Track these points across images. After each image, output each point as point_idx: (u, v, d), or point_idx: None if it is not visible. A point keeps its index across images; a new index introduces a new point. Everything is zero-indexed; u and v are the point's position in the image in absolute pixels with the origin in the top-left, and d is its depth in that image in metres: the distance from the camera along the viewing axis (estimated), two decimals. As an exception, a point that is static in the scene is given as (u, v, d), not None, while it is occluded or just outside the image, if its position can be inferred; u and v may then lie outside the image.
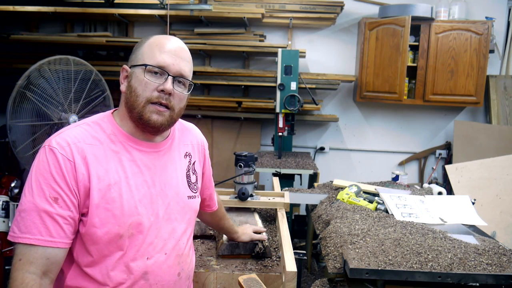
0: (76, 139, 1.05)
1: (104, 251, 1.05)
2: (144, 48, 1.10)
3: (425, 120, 4.38)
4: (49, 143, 1.04)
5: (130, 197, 1.07)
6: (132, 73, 1.10)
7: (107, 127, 1.10)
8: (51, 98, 2.65)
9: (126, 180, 1.07)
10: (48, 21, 4.34)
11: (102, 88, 2.94)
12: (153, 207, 1.11)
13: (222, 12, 3.91)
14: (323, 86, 4.11)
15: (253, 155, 1.93)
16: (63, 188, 1.00)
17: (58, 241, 0.99)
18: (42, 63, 2.61)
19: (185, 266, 1.21)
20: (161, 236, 1.12)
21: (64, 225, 1.00)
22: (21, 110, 2.57)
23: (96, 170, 1.04)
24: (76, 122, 1.13)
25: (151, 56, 1.08)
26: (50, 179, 1.00)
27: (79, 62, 2.79)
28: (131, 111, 1.09)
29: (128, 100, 1.09)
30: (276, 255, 1.62)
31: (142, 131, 1.12)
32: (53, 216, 0.98)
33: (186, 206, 1.20)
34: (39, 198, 0.98)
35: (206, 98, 4.23)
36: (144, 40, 1.13)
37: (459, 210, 1.97)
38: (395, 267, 1.34)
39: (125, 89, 1.11)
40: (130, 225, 1.06)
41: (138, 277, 1.08)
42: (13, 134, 2.57)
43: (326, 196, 2.19)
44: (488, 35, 3.81)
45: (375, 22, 3.95)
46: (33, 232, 0.97)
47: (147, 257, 1.09)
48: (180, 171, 1.21)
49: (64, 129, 1.09)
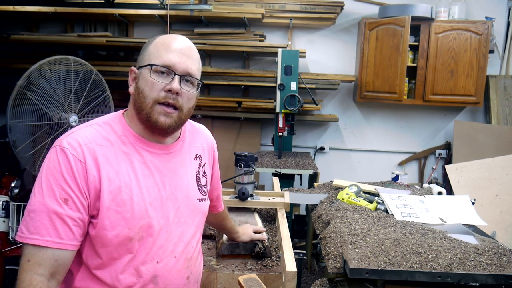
0: (88, 139, 1.03)
1: (113, 253, 1.04)
2: (150, 48, 1.10)
3: (425, 120, 4.38)
4: (60, 143, 1.02)
5: (141, 200, 1.06)
6: (140, 74, 1.09)
7: (118, 128, 1.09)
8: (51, 98, 2.65)
9: (137, 183, 1.06)
10: (48, 21, 4.34)
11: (102, 88, 2.94)
12: (163, 210, 1.10)
13: (222, 12, 3.91)
14: (323, 86, 4.11)
15: (253, 155, 1.93)
16: (74, 189, 0.99)
17: (67, 243, 0.98)
18: (42, 63, 2.61)
19: (194, 269, 1.20)
20: (171, 240, 1.11)
21: (74, 227, 0.99)
22: (21, 110, 2.56)
23: (107, 172, 1.02)
24: (87, 122, 1.11)
25: (157, 56, 1.07)
26: (60, 179, 0.98)
27: (79, 62, 2.79)
28: (140, 112, 1.08)
29: (136, 102, 1.09)
30: (276, 255, 1.62)
31: (151, 132, 1.11)
32: (62, 217, 0.97)
33: (195, 209, 1.19)
34: (49, 198, 0.97)
35: (206, 98, 4.23)
36: (151, 40, 1.12)
37: (459, 210, 1.97)
38: (395, 267, 1.34)
39: (133, 90, 1.10)
40: (140, 228, 1.05)
41: (147, 281, 1.07)
42: (13, 134, 2.57)
43: (326, 196, 2.19)
44: (488, 35, 3.81)
45: (375, 22, 3.95)
46: (42, 233, 0.96)
47: (157, 260, 1.08)
48: (191, 173, 1.20)
49: (75, 129, 1.08)
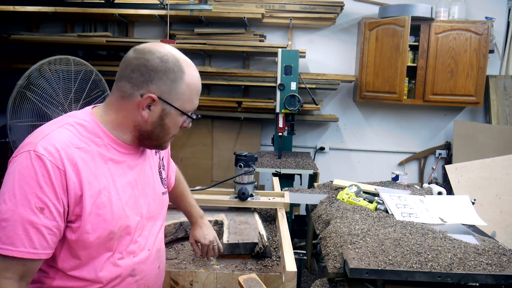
0: (65, 143, 0.98)
1: (93, 254, 1.04)
2: (183, 88, 1.06)
3: (425, 120, 4.38)
4: (34, 148, 0.95)
5: (118, 200, 1.06)
6: (167, 112, 1.06)
7: (92, 128, 1.05)
8: (51, 98, 2.66)
9: (114, 184, 1.06)
10: (48, 21, 4.34)
11: (102, 88, 2.94)
12: (137, 208, 1.12)
13: (222, 12, 3.91)
14: (323, 86, 4.11)
15: (253, 155, 1.93)
16: (51, 198, 0.95)
17: (41, 252, 0.96)
18: (42, 63, 2.62)
19: (163, 258, 1.27)
20: (144, 234, 1.15)
21: (48, 236, 0.95)
22: (21, 110, 2.57)
23: (87, 176, 1.00)
24: (55, 122, 1.05)
25: (189, 100, 1.09)
26: (36, 188, 0.93)
27: (79, 62, 2.79)
28: (150, 139, 1.10)
29: (153, 133, 1.08)
30: (276, 255, 1.62)
31: (138, 144, 1.12)
32: (37, 227, 0.94)
33: (161, 202, 1.23)
34: (22, 208, 0.93)
35: (206, 98, 4.23)
36: (181, 75, 1.05)
37: (459, 210, 1.97)
38: (395, 267, 1.34)
39: (153, 123, 1.06)
40: (120, 227, 1.06)
41: (125, 275, 1.10)
42: (13, 134, 2.57)
43: (326, 196, 2.19)
44: (488, 35, 3.81)
45: (375, 22, 3.95)
46: (16, 244, 0.92)
47: (133, 255, 1.12)
48: (154, 168, 1.22)
49: (45, 130, 1.01)
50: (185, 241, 1.72)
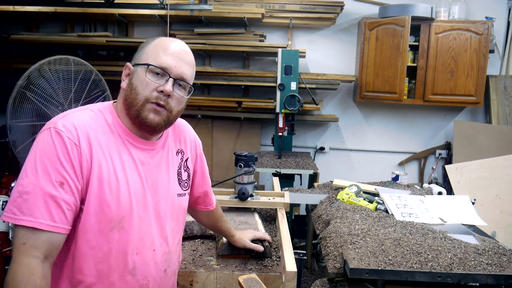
0: (82, 123, 1.04)
1: (92, 242, 1.04)
2: (149, 48, 1.11)
3: (425, 120, 4.38)
4: (54, 125, 1.01)
5: (126, 191, 1.07)
6: (134, 72, 1.10)
7: (109, 118, 1.11)
8: (51, 98, 2.65)
9: (124, 173, 1.08)
10: (48, 21, 4.34)
11: (102, 88, 2.94)
12: (144, 204, 1.12)
13: (222, 12, 3.91)
14: (323, 86, 4.11)
15: (253, 155, 1.93)
16: (69, 173, 0.99)
17: (60, 226, 0.98)
18: (42, 63, 2.61)
19: (172, 263, 1.22)
20: (150, 233, 1.13)
21: (67, 211, 0.99)
22: (21, 110, 2.56)
23: (98, 158, 1.04)
24: (79, 107, 1.11)
25: (155, 57, 1.09)
26: (57, 162, 0.98)
27: (79, 62, 2.79)
28: (130, 108, 1.09)
29: (128, 98, 1.10)
30: (276, 255, 1.62)
31: (138, 128, 1.12)
32: (57, 200, 0.97)
33: (175, 204, 1.22)
34: (44, 181, 0.96)
35: (206, 98, 4.23)
36: (150, 41, 1.13)
37: (459, 210, 1.97)
38: (395, 267, 1.34)
39: (126, 86, 1.11)
40: (123, 218, 1.06)
41: (125, 272, 1.09)
42: (13, 134, 2.57)
43: (326, 196, 2.19)
44: (488, 35, 3.81)
45: (375, 22, 3.95)
46: (35, 216, 0.95)
47: (136, 252, 1.10)
48: (172, 169, 1.22)
49: (68, 112, 1.07)
50: (185, 241, 1.72)
